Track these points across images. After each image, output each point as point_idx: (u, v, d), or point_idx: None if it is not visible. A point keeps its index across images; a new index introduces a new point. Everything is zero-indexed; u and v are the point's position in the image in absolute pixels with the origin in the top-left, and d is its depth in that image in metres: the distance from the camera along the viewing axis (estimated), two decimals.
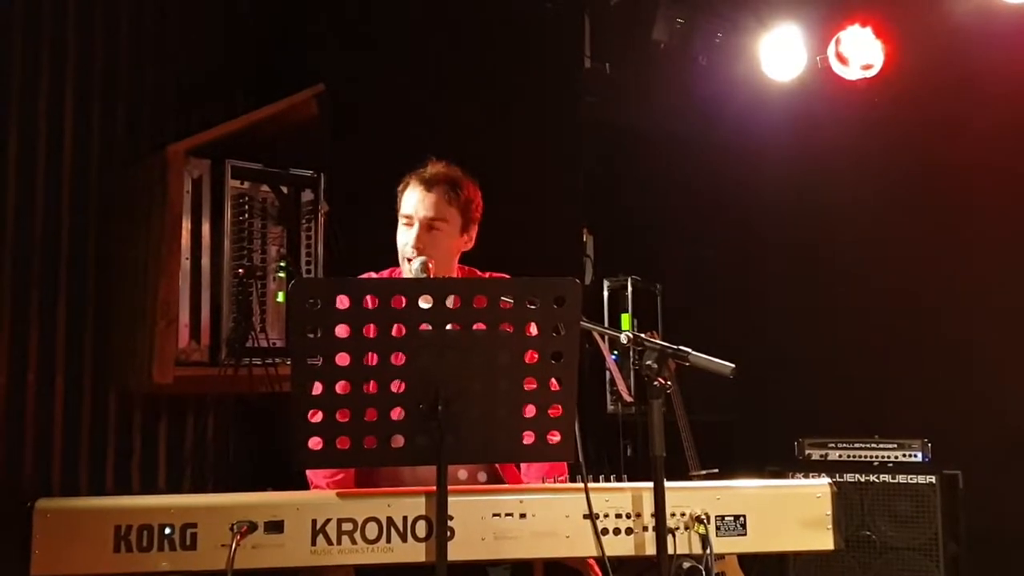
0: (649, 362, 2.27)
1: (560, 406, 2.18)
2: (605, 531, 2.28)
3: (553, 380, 2.17)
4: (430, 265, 2.69)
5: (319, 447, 2.14)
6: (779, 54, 5.19)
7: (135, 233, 4.24)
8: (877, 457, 4.76)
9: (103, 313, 4.37)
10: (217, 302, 4.18)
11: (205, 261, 4.17)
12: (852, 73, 5.01)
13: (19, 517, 2.24)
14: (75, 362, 4.33)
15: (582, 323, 2.23)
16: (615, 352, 4.57)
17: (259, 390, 4.11)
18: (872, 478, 4.68)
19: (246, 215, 4.25)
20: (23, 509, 2.25)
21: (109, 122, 4.47)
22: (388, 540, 2.22)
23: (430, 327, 2.10)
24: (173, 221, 4.05)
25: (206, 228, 4.18)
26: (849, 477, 4.72)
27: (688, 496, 2.33)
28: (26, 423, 4.18)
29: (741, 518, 2.33)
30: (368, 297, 2.10)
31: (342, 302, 2.08)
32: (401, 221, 2.78)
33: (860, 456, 4.81)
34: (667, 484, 2.27)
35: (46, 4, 4.32)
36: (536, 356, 2.16)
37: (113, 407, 4.40)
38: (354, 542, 2.21)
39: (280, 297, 4.32)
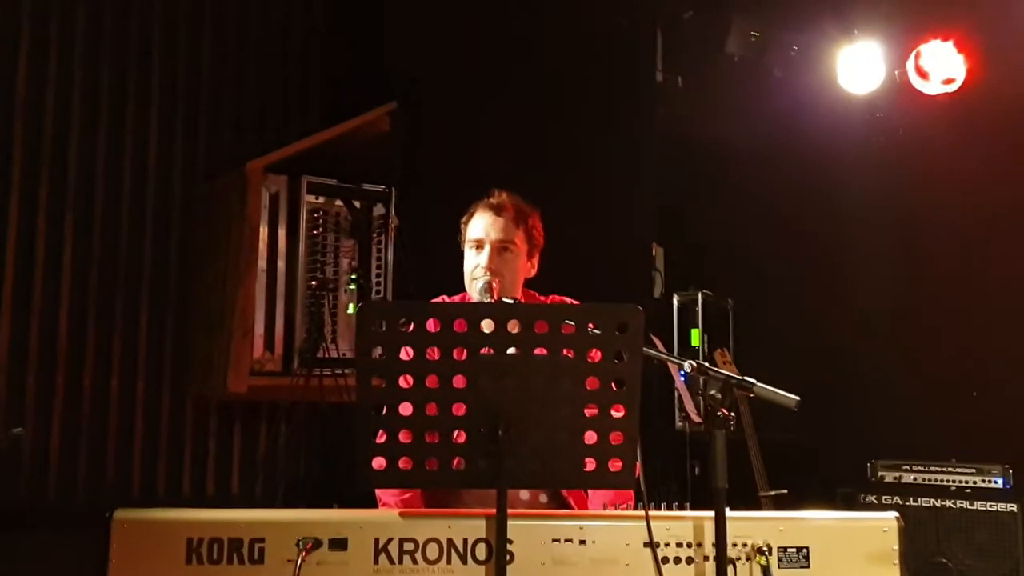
0: (713, 392, 2.25)
1: (622, 433, 2.18)
2: (665, 560, 2.26)
3: (615, 407, 2.18)
4: (494, 285, 2.72)
5: (382, 467, 2.18)
6: (857, 67, 5.10)
7: (215, 246, 4.36)
8: (954, 482, 4.63)
9: (183, 322, 4.51)
10: (291, 313, 4.28)
11: (280, 273, 4.28)
12: (932, 88, 4.90)
13: (100, 524, 2.32)
14: (155, 369, 4.48)
15: (645, 351, 2.23)
16: (683, 370, 4.53)
17: (330, 399, 4.19)
18: (948, 503, 4.55)
19: (320, 229, 4.34)
20: (103, 516, 2.32)
21: (191, 139, 4.62)
22: (448, 561, 2.24)
23: (491, 351, 2.12)
24: (251, 235, 4.16)
25: (282, 242, 4.29)
26: (924, 501, 4.61)
27: (751, 526, 2.30)
28: (109, 427, 4.34)
29: (804, 550, 2.29)
30: (431, 320, 2.14)
31: (406, 325, 2.12)
32: (469, 246, 2.83)
33: (936, 480, 4.68)
34: (730, 514, 2.26)
35: (132, 30, 4.50)
36: (597, 383, 2.16)
37: (190, 413, 4.54)
38: (415, 562, 2.24)
39: (351, 309, 4.40)
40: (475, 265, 2.79)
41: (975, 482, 4.59)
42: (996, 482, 4.56)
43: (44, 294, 4.25)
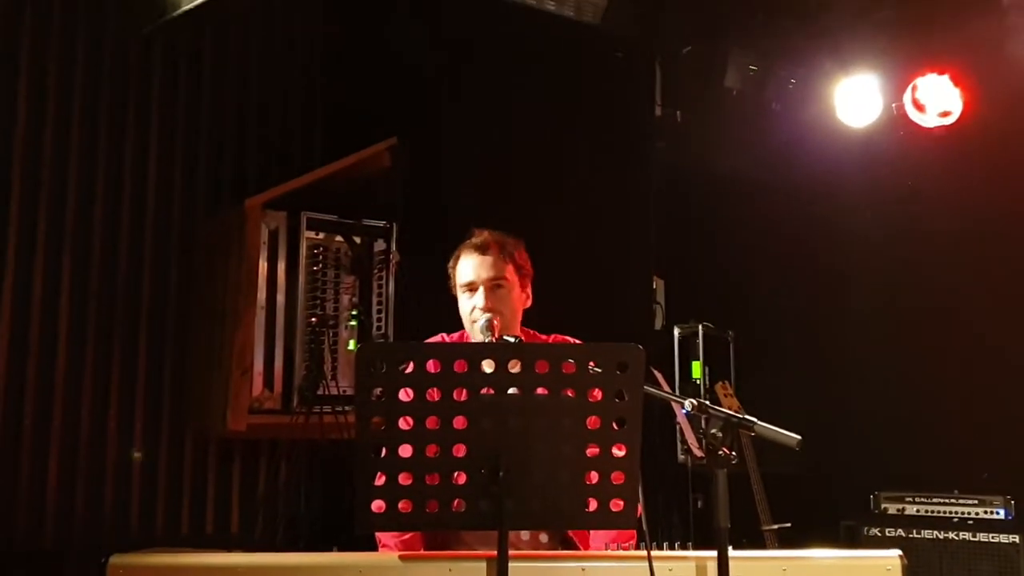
0: (714, 431, 2.24)
1: (623, 473, 2.17)
2: None
3: (616, 446, 2.16)
4: (495, 322, 2.71)
5: (382, 510, 2.16)
6: (854, 100, 5.14)
7: (213, 283, 4.35)
8: (957, 513, 4.62)
9: (181, 360, 4.49)
10: (290, 350, 4.25)
11: (280, 310, 4.25)
12: (929, 120, 4.94)
13: (96, 567, 2.30)
14: (153, 407, 4.44)
15: (646, 389, 2.22)
16: (685, 408, 4.52)
17: (330, 437, 4.16)
18: (951, 535, 4.54)
19: (320, 265, 4.33)
20: (99, 562, 2.30)
21: (190, 174, 4.62)
22: None
23: (492, 391, 2.11)
24: (250, 272, 4.15)
25: (281, 278, 4.27)
26: (927, 533, 4.59)
27: (754, 567, 2.29)
28: (107, 466, 4.31)
29: None
30: (431, 361, 2.12)
31: (406, 366, 2.12)
32: (462, 290, 2.82)
33: (939, 512, 4.67)
34: (733, 553, 2.24)
35: (132, 61, 4.50)
36: (599, 422, 2.15)
37: (189, 452, 4.51)
38: None
39: (352, 346, 4.38)
40: (472, 308, 2.79)
41: (977, 513, 4.58)
42: (998, 513, 4.55)
43: (41, 329, 4.22)
